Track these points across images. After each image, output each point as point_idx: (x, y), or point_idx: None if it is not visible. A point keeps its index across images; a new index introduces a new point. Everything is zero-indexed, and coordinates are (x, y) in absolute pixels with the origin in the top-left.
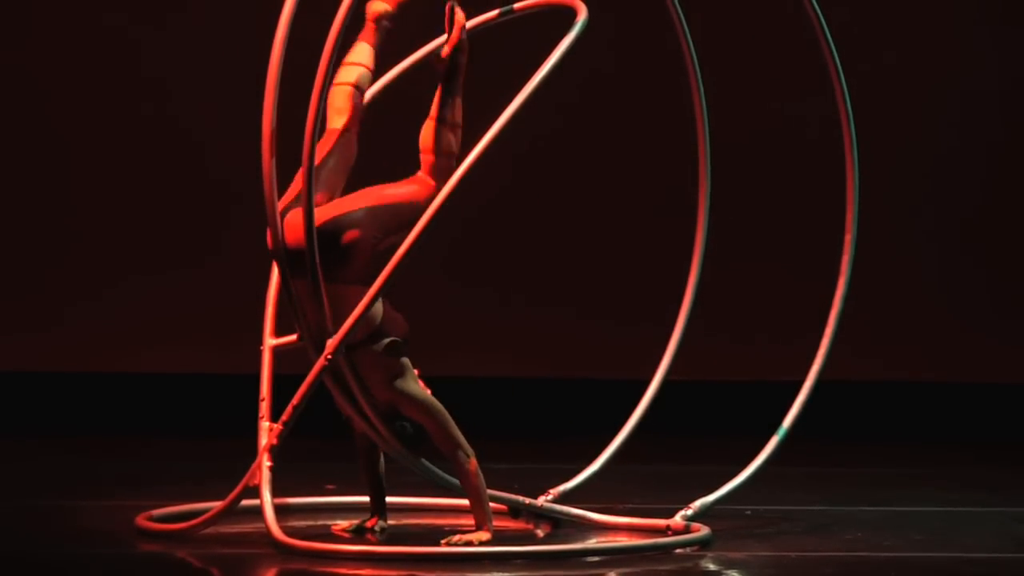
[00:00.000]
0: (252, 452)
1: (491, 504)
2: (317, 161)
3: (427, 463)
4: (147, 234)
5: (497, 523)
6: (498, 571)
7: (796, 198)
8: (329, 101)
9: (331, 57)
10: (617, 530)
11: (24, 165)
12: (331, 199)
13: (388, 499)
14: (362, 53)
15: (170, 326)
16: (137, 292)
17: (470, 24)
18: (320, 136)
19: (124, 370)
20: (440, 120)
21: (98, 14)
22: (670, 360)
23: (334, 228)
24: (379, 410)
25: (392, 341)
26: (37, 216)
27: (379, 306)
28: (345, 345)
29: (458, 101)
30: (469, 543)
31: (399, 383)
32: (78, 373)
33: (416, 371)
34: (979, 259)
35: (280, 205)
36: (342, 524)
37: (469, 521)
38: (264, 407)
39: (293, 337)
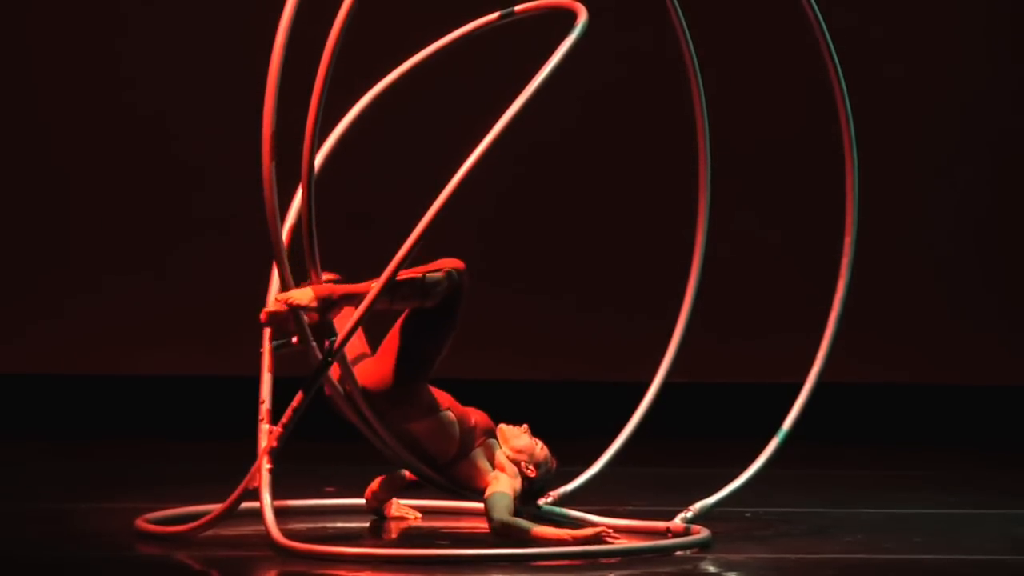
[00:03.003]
0: (252, 454)
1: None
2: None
3: (427, 469)
4: (147, 235)
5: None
6: (498, 572)
7: (797, 199)
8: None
9: (330, 61)
10: (617, 532)
11: (16, 167)
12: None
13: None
14: None
15: (170, 328)
16: (137, 294)
17: (471, 27)
18: (319, 141)
19: (124, 372)
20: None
21: (97, 17)
22: (670, 362)
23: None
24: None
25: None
26: (34, 218)
27: (454, 426)
28: (439, 466)
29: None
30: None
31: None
32: (78, 376)
33: (525, 426)
34: (980, 261)
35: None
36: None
37: (467, 523)
38: (264, 410)
39: (293, 339)
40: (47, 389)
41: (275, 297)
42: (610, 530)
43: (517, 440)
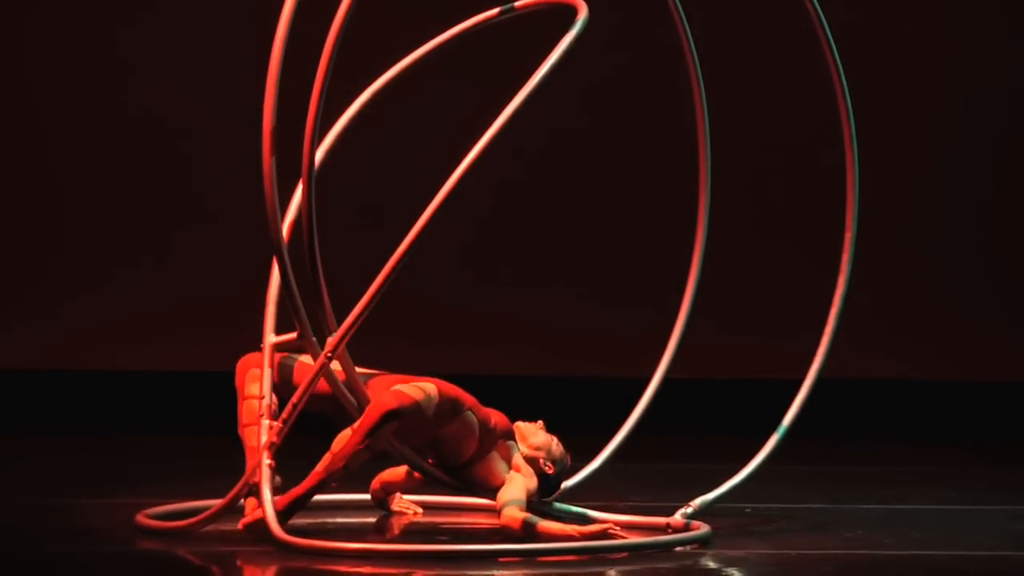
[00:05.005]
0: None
1: (488, 502)
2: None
3: (437, 472)
4: (147, 231)
5: (496, 520)
6: (498, 569)
7: (797, 196)
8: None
9: (331, 57)
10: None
11: (14, 164)
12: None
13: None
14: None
15: (170, 324)
16: (136, 289)
17: (471, 23)
18: (319, 137)
19: (124, 367)
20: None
21: (93, 15)
22: (670, 357)
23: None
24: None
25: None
26: (33, 214)
27: (475, 427)
28: (455, 466)
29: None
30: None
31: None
32: (77, 371)
33: (540, 422)
34: (981, 257)
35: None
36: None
37: (468, 519)
38: (264, 405)
39: (293, 335)
40: (47, 384)
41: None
42: (617, 527)
43: (535, 437)
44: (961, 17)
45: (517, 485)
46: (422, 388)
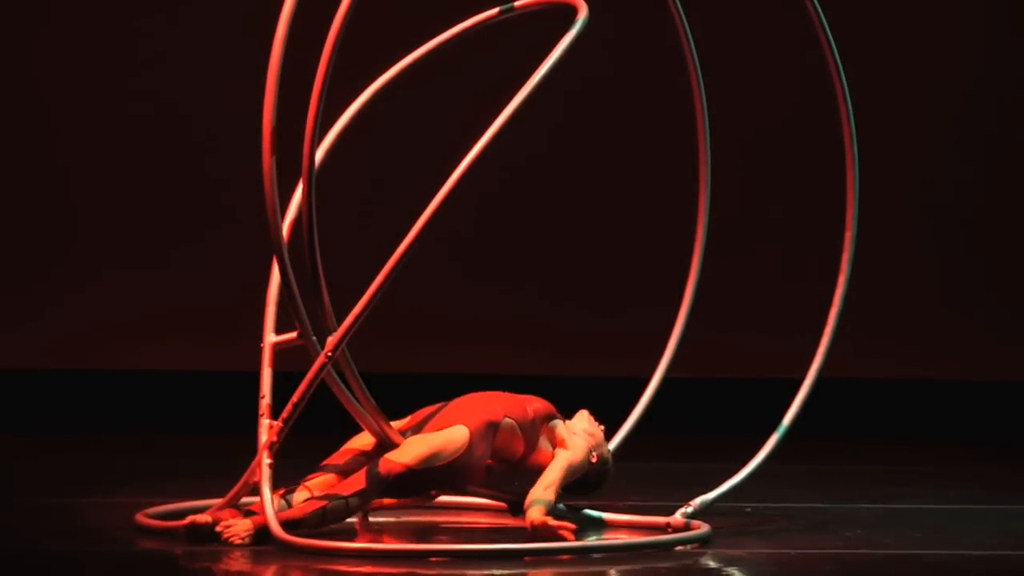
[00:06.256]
0: (252, 449)
1: (491, 501)
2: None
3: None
4: (147, 230)
5: (497, 520)
6: (498, 568)
7: (797, 195)
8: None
9: (331, 57)
10: (617, 527)
11: (18, 162)
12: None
13: None
14: None
15: (170, 323)
16: (137, 288)
17: (471, 23)
18: (319, 137)
19: (124, 367)
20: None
21: (98, 13)
22: (671, 357)
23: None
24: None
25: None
26: (38, 212)
27: (516, 428)
28: (512, 464)
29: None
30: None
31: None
32: (78, 370)
33: (603, 427)
34: (979, 257)
35: (403, 426)
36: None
37: (467, 518)
38: (264, 404)
39: (293, 335)
40: (46, 384)
41: (219, 527)
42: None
43: (593, 426)
44: (960, 15)
45: (553, 470)
46: (435, 443)
